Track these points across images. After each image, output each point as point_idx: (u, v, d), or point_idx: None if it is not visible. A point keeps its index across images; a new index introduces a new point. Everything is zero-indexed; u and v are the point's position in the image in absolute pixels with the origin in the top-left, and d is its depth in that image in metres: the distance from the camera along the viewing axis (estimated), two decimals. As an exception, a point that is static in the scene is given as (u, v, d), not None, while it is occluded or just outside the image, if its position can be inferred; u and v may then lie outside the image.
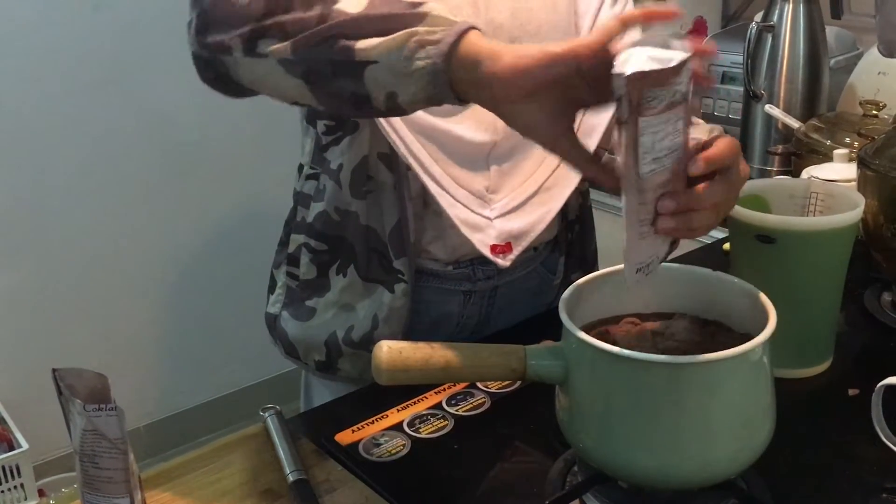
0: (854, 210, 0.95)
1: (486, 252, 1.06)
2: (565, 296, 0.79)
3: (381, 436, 0.92)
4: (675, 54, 0.66)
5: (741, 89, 1.82)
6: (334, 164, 1.05)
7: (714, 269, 0.85)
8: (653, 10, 0.69)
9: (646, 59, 0.66)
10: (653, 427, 0.72)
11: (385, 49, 0.75)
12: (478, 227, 1.06)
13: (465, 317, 1.13)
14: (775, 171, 1.72)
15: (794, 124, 1.60)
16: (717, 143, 0.73)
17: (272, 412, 0.93)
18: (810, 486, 0.84)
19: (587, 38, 0.71)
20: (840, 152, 1.30)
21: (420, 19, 0.75)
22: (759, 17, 1.78)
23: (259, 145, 2.44)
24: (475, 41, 0.74)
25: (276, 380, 2.59)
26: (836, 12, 1.76)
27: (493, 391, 0.98)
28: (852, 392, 0.96)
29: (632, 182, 0.70)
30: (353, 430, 0.93)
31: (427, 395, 0.98)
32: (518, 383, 0.98)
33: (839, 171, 1.25)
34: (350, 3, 0.79)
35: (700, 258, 1.22)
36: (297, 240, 1.13)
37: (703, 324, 0.83)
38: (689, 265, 0.85)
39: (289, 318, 1.15)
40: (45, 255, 2.25)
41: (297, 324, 1.14)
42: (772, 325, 0.74)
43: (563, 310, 0.77)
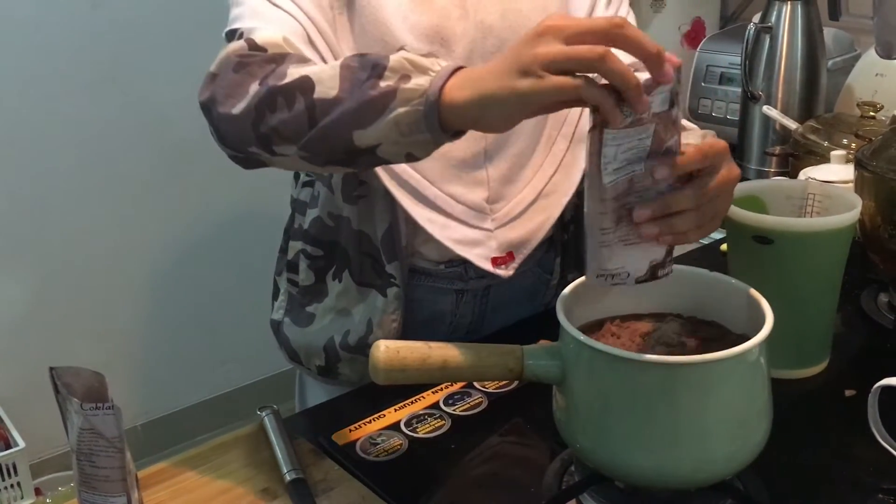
0: (851, 211, 0.95)
1: (486, 266, 1.07)
2: (562, 296, 0.79)
3: (379, 435, 0.92)
4: (642, 76, 0.70)
5: (739, 90, 1.82)
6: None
7: (711, 269, 0.85)
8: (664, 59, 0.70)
9: None
10: (650, 427, 0.72)
11: (380, 135, 0.79)
12: (476, 243, 1.07)
13: (458, 316, 1.13)
14: (773, 172, 1.72)
15: (792, 125, 1.60)
16: (688, 148, 0.73)
17: (269, 411, 0.93)
18: (807, 486, 0.84)
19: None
20: (837, 153, 1.30)
21: (391, 98, 0.77)
22: (757, 18, 1.78)
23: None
24: (451, 95, 0.75)
25: (274, 379, 2.58)
26: (834, 14, 1.76)
27: (491, 391, 0.98)
28: (849, 393, 0.96)
29: (595, 189, 0.72)
30: (351, 430, 0.93)
31: (424, 394, 0.98)
32: (515, 383, 0.98)
33: (836, 172, 1.25)
34: (325, 74, 0.81)
35: (697, 259, 1.22)
36: (295, 246, 1.14)
37: (698, 324, 0.84)
38: (686, 266, 0.85)
39: (290, 325, 1.16)
40: (42, 254, 2.25)
41: (298, 330, 1.14)
42: (768, 325, 0.74)
43: (560, 310, 0.77)
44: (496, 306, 1.15)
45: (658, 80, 0.70)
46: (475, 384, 0.99)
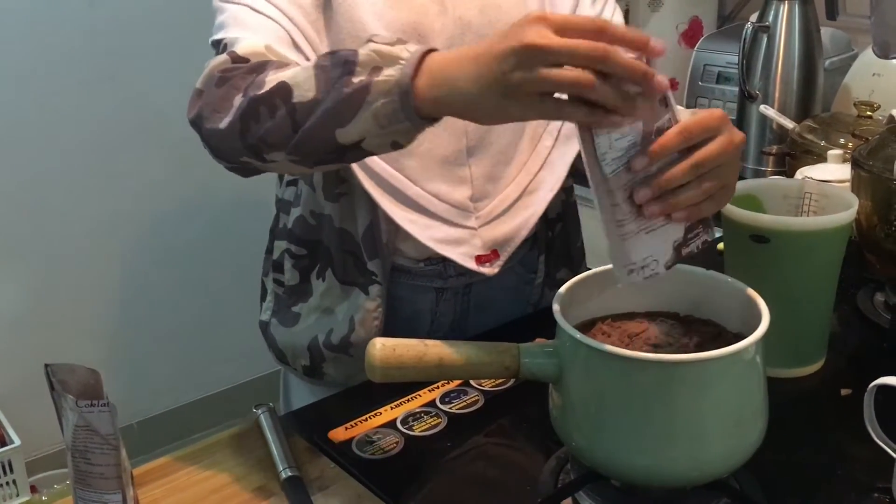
0: (847, 210, 0.95)
1: (470, 264, 1.06)
2: (559, 294, 0.79)
3: (375, 433, 0.92)
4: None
5: (736, 89, 1.82)
6: None
7: (708, 268, 0.85)
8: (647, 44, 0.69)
9: None
10: (645, 426, 0.72)
11: (361, 130, 0.80)
12: (459, 241, 1.06)
13: (438, 314, 1.12)
14: (769, 172, 1.72)
15: (789, 125, 1.60)
16: (671, 129, 0.72)
17: (265, 409, 0.93)
18: (802, 485, 0.84)
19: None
20: (834, 153, 1.30)
21: (365, 93, 0.77)
22: (754, 17, 1.78)
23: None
24: (424, 91, 0.75)
25: (270, 377, 2.57)
26: (832, 13, 1.76)
27: (487, 389, 0.98)
28: (845, 392, 0.96)
29: (600, 184, 0.72)
30: (347, 428, 0.93)
31: (420, 392, 0.98)
32: (512, 381, 0.98)
33: (833, 171, 1.25)
34: (300, 77, 0.82)
35: (694, 258, 1.22)
36: (280, 246, 1.14)
37: (694, 323, 0.84)
38: (682, 264, 0.85)
39: (277, 325, 1.16)
40: (38, 253, 2.24)
41: (284, 330, 1.15)
42: (765, 324, 0.74)
43: (556, 308, 0.77)
44: (479, 305, 1.14)
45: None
46: (471, 382, 0.99)
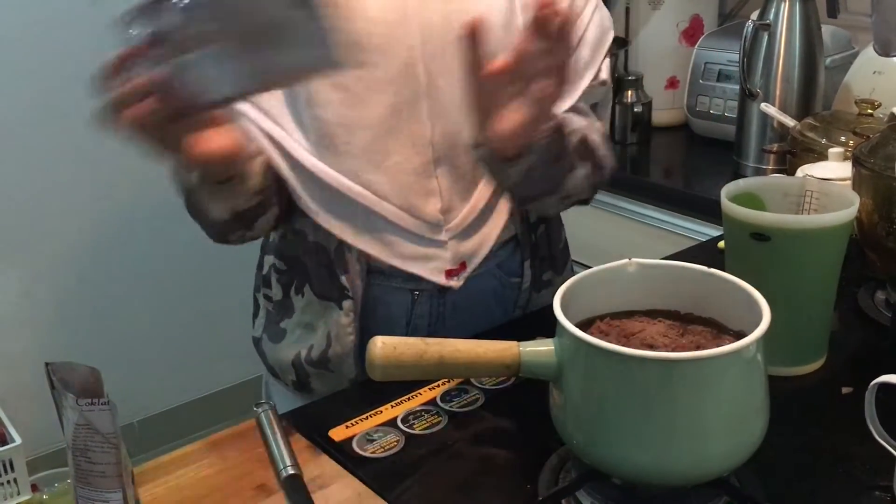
0: (848, 209, 0.95)
1: (440, 279, 1.06)
2: (560, 292, 0.79)
3: (375, 432, 0.92)
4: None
5: (737, 87, 1.82)
6: None
7: (708, 266, 0.85)
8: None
9: None
10: (646, 424, 0.72)
11: (211, 205, 1.05)
12: (429, 258, 1.06)
13: (415, 316, 1.11)
14: (770, 170, 1.72)
15: (790, 123, 1.60)
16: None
17: (266, 407, 0.93)
18: (803, 483, 0.84)
19: None
20: (835, 151, 1.30)
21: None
22: (755, 15, 1.78)
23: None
24: None
25: (270, 376, 2.58)
26: (833, 11, 1.76)
27: (488, 387, 0.98)
28: (846, 390, 0.96)
29: None
30: (347, 426, 0.93)
31: (421, 391, 0.98)
32: (512, 380, 0.98)
33: (834, 169, 1.25)
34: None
35: (694, 256, 1.22)
36: (268, 261, 1.15)
37: (694, 321, 0.83)
38: (682, 262, 0.85)
39: (266, 341, 1.16)
40: (39, 251, 2.25)
41: (272, 346, 1.15)
42: (765, 322, 0.74)
43: (557, 306, 0.77)
44: (456, 308, 1.11)
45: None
46: (472, 380, 0.99)
